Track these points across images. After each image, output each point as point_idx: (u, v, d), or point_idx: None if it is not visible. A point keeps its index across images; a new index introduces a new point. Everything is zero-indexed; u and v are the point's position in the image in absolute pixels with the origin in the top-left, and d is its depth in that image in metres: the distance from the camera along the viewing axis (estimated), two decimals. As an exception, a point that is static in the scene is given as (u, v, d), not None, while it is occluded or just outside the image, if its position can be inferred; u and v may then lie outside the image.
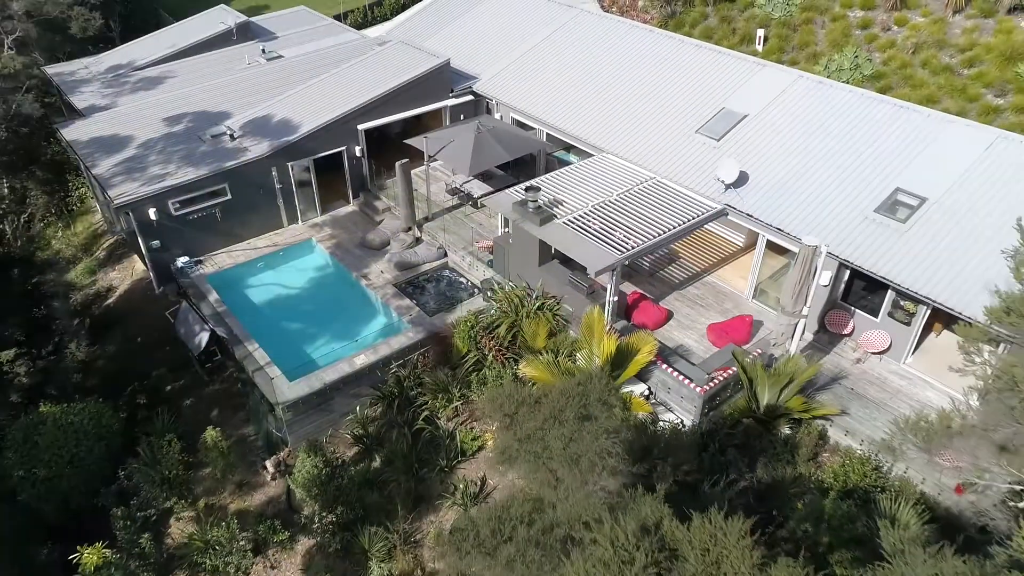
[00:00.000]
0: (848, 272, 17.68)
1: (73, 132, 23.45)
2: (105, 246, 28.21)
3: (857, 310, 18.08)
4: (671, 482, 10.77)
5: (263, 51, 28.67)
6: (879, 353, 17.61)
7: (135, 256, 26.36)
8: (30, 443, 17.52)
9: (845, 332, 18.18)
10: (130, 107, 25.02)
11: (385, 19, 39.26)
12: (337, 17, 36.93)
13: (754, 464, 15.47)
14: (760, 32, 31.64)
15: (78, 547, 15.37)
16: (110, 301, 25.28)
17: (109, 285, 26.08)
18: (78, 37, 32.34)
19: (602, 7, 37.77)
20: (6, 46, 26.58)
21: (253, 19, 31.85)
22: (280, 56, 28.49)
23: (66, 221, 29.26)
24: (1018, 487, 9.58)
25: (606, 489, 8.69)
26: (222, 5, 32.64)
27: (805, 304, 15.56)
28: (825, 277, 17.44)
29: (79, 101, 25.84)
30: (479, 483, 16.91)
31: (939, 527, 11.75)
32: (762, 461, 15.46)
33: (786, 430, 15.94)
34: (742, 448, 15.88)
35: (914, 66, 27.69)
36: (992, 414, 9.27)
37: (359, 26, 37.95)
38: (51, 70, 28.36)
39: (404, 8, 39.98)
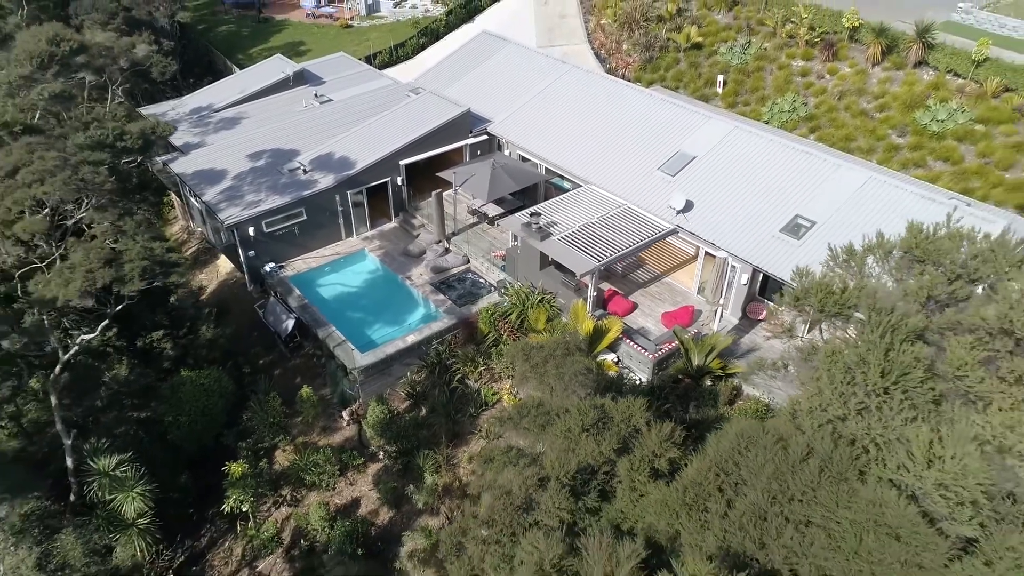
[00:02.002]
0: (761, 275, 25.13)
1: (180, 166, 30.89)
2: (188, 253, 35.63)
3: (769, 301, 25.53)
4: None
5: (316, 95, 36.09)
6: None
7: (218, 261, 33.84)
8: (175, 398, 24.87)
9: (760, 318, 25.64)
10: (219, 144, 32.42)
11: (408, 58, 46.67)
12: (369, 59, 44.29)
13: (687, 407, 22.90)
14: (720, 77, 39.16)
15: (225, 463, 22.79)
16: (203, 297, 32.76)
17: (200, 284, 33.55)
18: (157, 81, 39.67)
19: (593, 51, 45.36)
20: (115, 94, 33.86)
21: (303, 65, 39.10)
22: (330, 100, 35.88)
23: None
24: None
25: (578, 395, 16.07)
26: (278, 55, 40.08)
27: (722, 296, 23.01)
28: (744, 278, 24.91)
29: (175, 139, 33.21)
30: (498, 424, 24.32)
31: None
32: (693, 405, 22.87)
33: (710, 384, 23.37)
34: (681, 396, 23.32)
35: (839, 110, 35.20)
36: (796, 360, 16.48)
37: (385, 65, 45.44)
38: (146, 111, 35.68)
39: (424, 47, 47.41)
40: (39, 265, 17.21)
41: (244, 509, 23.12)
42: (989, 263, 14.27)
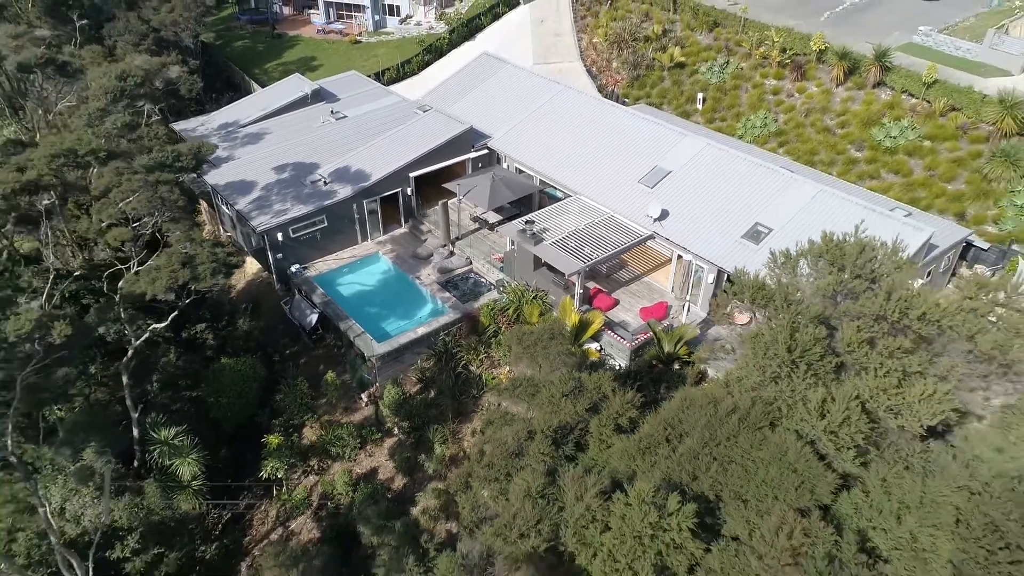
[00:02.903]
0: (725, 275, 29.24)
1: (213, 178, 35.02)
2: (216, 256, 39.68)
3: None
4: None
5: (332, 112, 40.22)
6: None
7: (246, 262, 37.94)
8: (217, 382, 28.97)
9: (725, 313, 29.71)
10: (246, 158, 36.54)
11: (413, 74, 50.84)
12: (378, 75, 48.44)
13: (659, 388, 27.02)
14: (700, 95, 43.33)
15: (264, 437, 26.93)
16: (233, 295, 36.91)
17: (229, 283, 37.69)
18: (185, 97, 43.80)
19: (586, 68, 49.54)
20: (153, 113, 37.99)
21: (319, 83, 43.17)
22: (345, 116, 40.01)
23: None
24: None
25: (560, 370, 20.18)
26: (297, 75, 44.23)
27: (688, 293, 27.15)
28: (711, 278, 29.04)
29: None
30: (496, 404, 28.46)
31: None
32: (664, 386, 26.99)
33: (679, 368, 27.50)
34: (654, 379, 27.43)
35: (805, 126, 39.37)
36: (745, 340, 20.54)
37: (393, 80, 49.59)
38: (178, 126, 39.81)
39: (428, 64, 51.59)
40: (120, 267, 21.30)
41: (279, 476, 27.32)
42: (883, 265, 18.43)
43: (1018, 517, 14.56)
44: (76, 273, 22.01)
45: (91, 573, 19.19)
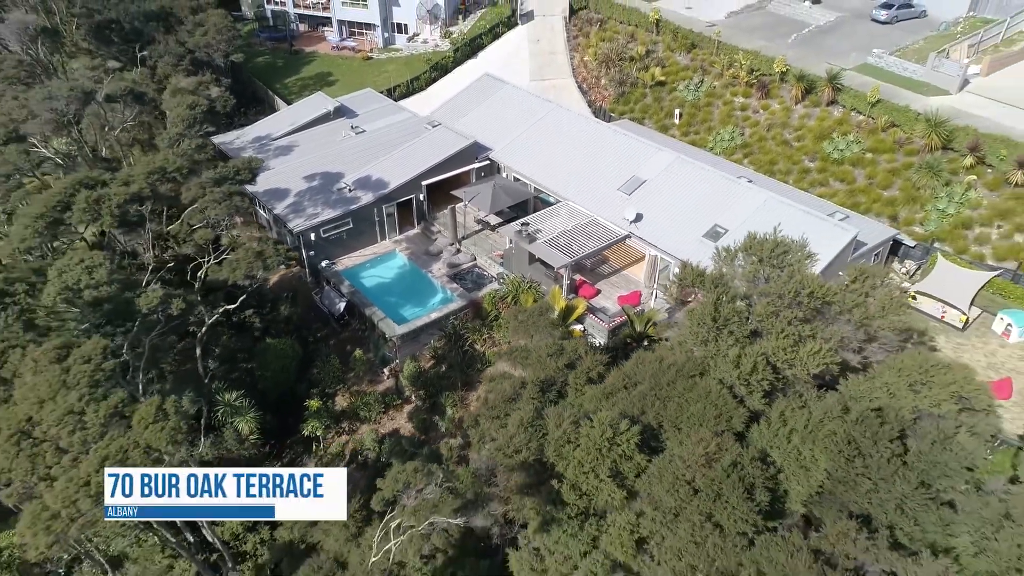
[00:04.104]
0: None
1: (253, 186, 41.25)
2: (250, 253, 45.95)
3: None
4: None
5: (352, 127, 46.51)
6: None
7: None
8: (263, 358, 35.20)
9: (689, 299, 36.01)
10: (279, 168, 42.81)
11: (421, 90, 57.11)
12: (389, 91, 54.72)
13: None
14: (677, 111, 49.65)
15: (306, 400, 33.21)
16: (268, 286, 43.17)
17: (265, 276, 43.95)
18: (219, 112, 49.95)
19: (577, 84, 55.85)
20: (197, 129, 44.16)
21: (339, 100, 49.40)
22: (364, 131, 46.30)
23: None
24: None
25: (546, 340, 26.41)
26: (320, 93, 50.55)
27: (656, 283, 33.46)
28: (675, 270, 35.27)
29: (244, 163, 43.54)
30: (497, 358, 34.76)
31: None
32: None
33: (647, 344, 33.76)
34: (627, 355, 33.67)
35: (767, 139, 45.68)
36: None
37: (403, 96, 55.84)
38: (216, 139, 46.04)
39: (435, 80, 57.88)
40: (199, 260, 27.59)
41: (317, 434, 33.58)
42: (792, 256, 24.70)
43: (869, 435, 20.84)
44: (169, 264, 28.21)
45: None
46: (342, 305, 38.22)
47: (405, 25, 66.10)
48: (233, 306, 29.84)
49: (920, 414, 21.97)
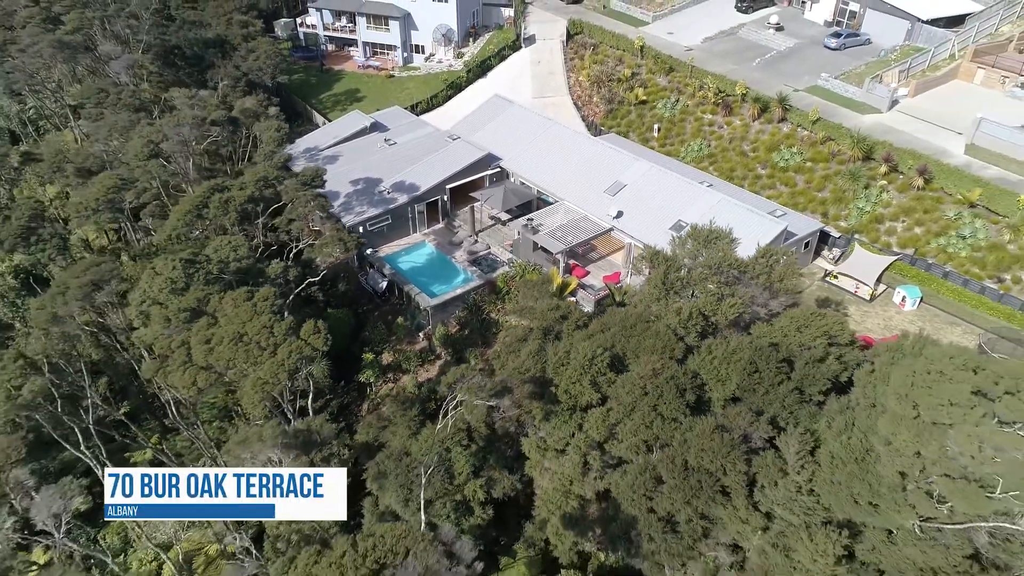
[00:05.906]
0: (658, 253, 46.65)
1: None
2: (301, 244, 57.02)
3: (663, 269, 47.11)
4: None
5: (385, 140, 57.62)
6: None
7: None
8: (327, 325, 46.25)
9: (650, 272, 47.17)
10: (329, 174, 53.75)
11: (439, 106, 68.24)
12: (412, 107, 65.83)
13: (612, 324, 44.37)
14: (656, 126, 60.82)
15: (362, 356, 44.26)
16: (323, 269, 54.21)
17: (331, 260, 54.96)
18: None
19: (573, 102, 67.02)
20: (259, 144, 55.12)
21: (373, 116, 60.47)
22: (395, 143, 57.42)
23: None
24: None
25: (545, 301, 37.44)
26: (357, 110, 61.73)
27: (631, 266, 44.62)
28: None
29: (297, 168, 54.60)
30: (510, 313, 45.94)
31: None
32: (616, 323, 44.35)
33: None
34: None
35: (729, 151, 56.83)
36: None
37: (424, 111, 66.97)
38: (273, 151, 57.03)
39: (450, 98, 68.99)
40: (292, 245, 38.74)
41: (371, 381, 44.61)
42: (720, 241, 35.78)
43: (765, 359, 31.90)
44: (272, 247, 39.21)
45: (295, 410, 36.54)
46: (384, 284, 49.32)
47: (422, 46, 77.26)
48: (316, 278, 40.90)
49: (804, 347, 33.02)
